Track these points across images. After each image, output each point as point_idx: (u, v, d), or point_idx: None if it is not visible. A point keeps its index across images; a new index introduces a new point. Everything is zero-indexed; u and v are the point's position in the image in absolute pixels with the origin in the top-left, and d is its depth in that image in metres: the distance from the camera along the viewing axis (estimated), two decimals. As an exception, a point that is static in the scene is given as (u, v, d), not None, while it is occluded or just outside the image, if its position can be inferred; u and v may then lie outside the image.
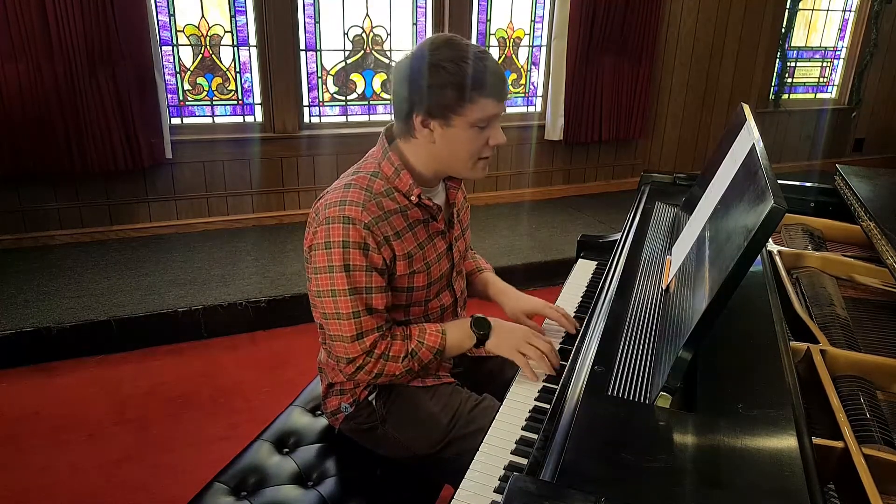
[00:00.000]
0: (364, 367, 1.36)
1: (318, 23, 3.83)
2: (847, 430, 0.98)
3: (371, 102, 4.11)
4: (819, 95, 5.71)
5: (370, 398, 1.49)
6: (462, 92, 1.27)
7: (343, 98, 4.05)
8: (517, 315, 1.61)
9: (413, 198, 1.37)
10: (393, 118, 1.40)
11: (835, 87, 5.78)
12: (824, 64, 5.63)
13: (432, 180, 1.43)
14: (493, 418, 1.29)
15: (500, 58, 4.40)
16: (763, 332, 1.19)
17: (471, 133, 1.31)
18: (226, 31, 3.65)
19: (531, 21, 4.42)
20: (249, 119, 3.84)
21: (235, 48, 3.69)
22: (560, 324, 1.57)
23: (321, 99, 3.99)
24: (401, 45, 4.10)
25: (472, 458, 1.18)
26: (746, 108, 1.51)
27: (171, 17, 3.52)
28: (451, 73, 1.26)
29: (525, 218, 4.31)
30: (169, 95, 3.60)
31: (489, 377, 1.62)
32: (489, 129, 1.33)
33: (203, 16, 3.58)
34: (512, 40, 4.40)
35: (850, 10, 5.53)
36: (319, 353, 1.58)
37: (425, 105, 1.29)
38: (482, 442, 1.22)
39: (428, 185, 1.43)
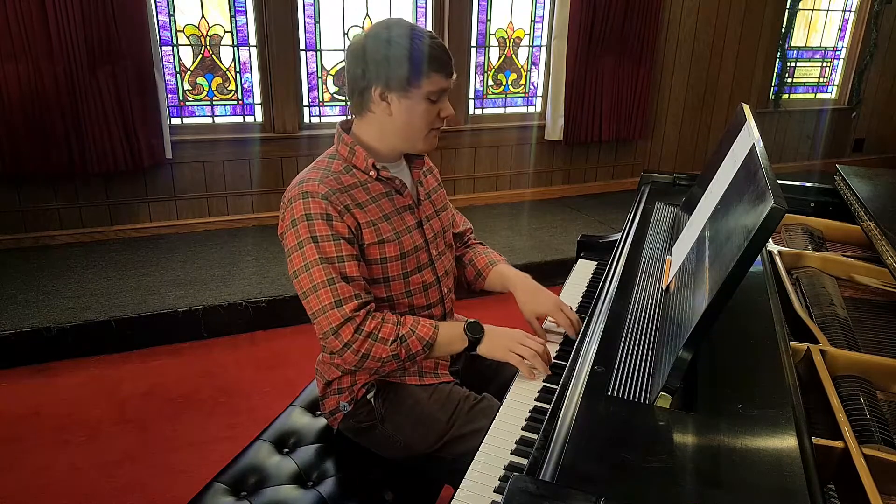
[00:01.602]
0: (351, 344, 1.35)
1: (318, 23, 3.83)
2: (847, 430, 0.98)
3: (371, 102, 4.10)
4: (819, 95, 5.72)
5: (368, 397, 1.49)
6: (419, 66, 1.36)
7: (343, 98, 4.04)
8: (529, 315, 1.60)
9: (371, 172, 1.43)
10: (348, 98, 1.49)
11: (835, 87, 5.78)
12: (824, 64, 5.63)
13: (389, 156, 1.49)
14: (493, 418, 1.29)
15: (500, 58, 4.40)
16: (763, 332, 1.19)
17: (425, 105, 1.40)
18: (226, 31, 3.65)
19: (531, 21, 4.42)
20: (249, 119, 3.84)
21: (235, 48, 3.69)
22: (566, 329, 1.56)
23: (321, 99, 3.99)
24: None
25: (472, 458, 1.18)
26: (746, 108, 1.51)
27: (171, 17, 3.53)
28: (407, 49, 1.36)
29: (525, 218, 4.32)
30: (169, 95, 3.60)
31: (488, 376, 1.62)
32: (440, 102, 1.42)
33: (203, 16, 3.59)
34: (512, 40, 4.40)
35: (850, 10, 5.54)
36: (318, 355, 1.58)
37: (384, 78, 1.37)
38: (482, 442, 1.22)
39: (386, 160, 1.48)
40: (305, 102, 3.93)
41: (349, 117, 1.50)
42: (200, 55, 3.65)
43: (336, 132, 1.48)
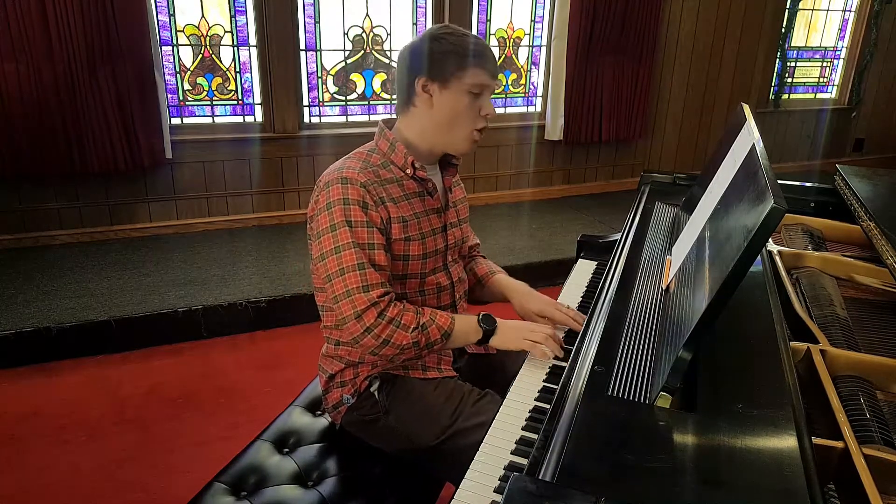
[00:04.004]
0: (373, 329, 1.36)
1: (318, 23, 3.83)
2: (847, 430, 0.98)
3: (371, 102, 4.11)
4: (819, 95, 5.72)
5: (372, 389, 1.50)
6: (461, 59, 1.40)
7: (343, 98, 4.05)
8: (526, 313, 1.64)
9: (409, 170, 1.46)
10: (394, 105, 1.53)
11: (835, 87, 5.78)
12: (824, 64, 5.64)
13: (427, 156, 1.51)
14: (496, 413, 1.29)
15: (500, 58, 4.40)
16: (763, 332, 1.19)
17: (466, 99, 1.42)
18: (226, 31, 3.65)
19: (531, 21, 4.42)
20: (249, 119, 3.84)
21: (235, 48, 3.69)
22: (567, 324, 1.58)
23: (321, 99, 3.99)
24: (401, 45, 4.10)
25: (474, 453, 1.18)
26: (746, 108, 1.51)
27: (171, 17, 3.53)
28: (451, 44, 1.41)
29: (525, 218, 4.32)
30: (169, 95, 3.60)
31: (491, 373, 1.63)
32: (482, 99, 1.44)
33: (203, 16, 3.59)
34: (512, 40, 4.40)
35: (850, 10, 5.54)
36: (322, 349, 1.58)
37: (426, 68, 1.42)
38: (483, 441, 1.22)
39: (423, 161, 1.50)
40: (305, 102, 3.93)
41: (393, 116, 1.54)
42: (200, 55, 3.65)
43: (378, 127, 1.52)
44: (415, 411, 1.47)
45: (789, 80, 5.46)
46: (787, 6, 5.14)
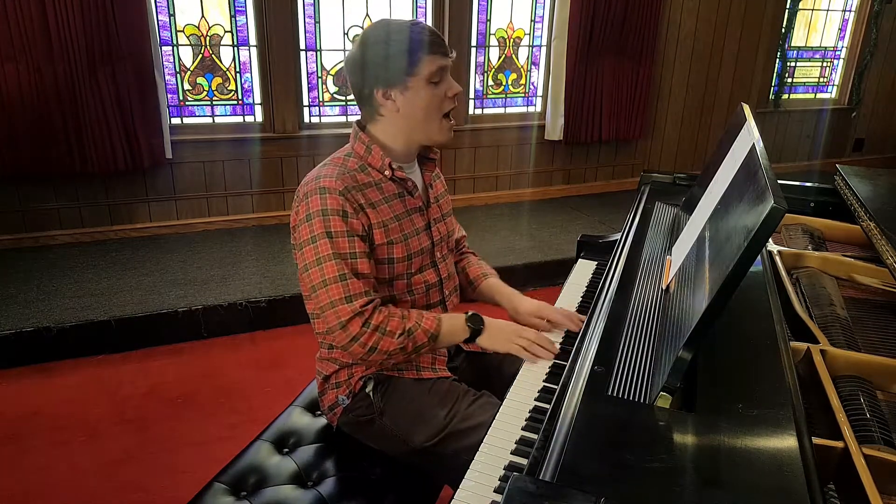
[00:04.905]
0: (359, 338, 1.37)
1: (318, 23, 3.83)
2: (847, 430, 0.98)
3: (371, 102, 4.11)
4: (819, 95, 5.71)
5: (367, 390, 1.50)
6: (410, 55, 1.39)
7: (343, 98, 4.04)
8: (519, 315, 1.63)
9: (386, 172, 1.45)
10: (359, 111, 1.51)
11: (835, 87, 5.78)
12: (824, 64, 5.63)
13: (404, 156, 1.51)
14: (493, 416, 1.29)
15: (500, 58, 4.40)
16: (763, 332, 1.19)
17: (429, 90, 1.41)
18: (226, 31, 3.65)
19: (531, 21, 4.42)
20: (249, 119, 3.84)
21: (235, 48, 3.69)
22: (563, 325, 1.58)
23: (321, 99, 3.99)
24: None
25: (471, 455, 1.18)
26: (746, 108, 1.51)
27: (171, 17, 3.53)
28: (393, 43, 1.39)
29: (525, 218, 4.32)
30: (169, 95, 3.60)
31: (487, 374, 1.63)
32: (443, 83, 1.43)
33: (203, 16, 3.59)
34: (512, 40, 4.40)
35: (850, 10, 5.54)
36: (317, 353, 1.59)
37: (381, 79, 1.40)
38: (483, 441, 1.22)
39: (400, 161, 1.50)
40: (305, 102, 3.93)
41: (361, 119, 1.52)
42: (200, 55, 3.65)
43: (353, 130, 1.50)
44: (409, 413, 1.47)
45: (789, 80, 5.46)
46: (787, 6, 5.13)
